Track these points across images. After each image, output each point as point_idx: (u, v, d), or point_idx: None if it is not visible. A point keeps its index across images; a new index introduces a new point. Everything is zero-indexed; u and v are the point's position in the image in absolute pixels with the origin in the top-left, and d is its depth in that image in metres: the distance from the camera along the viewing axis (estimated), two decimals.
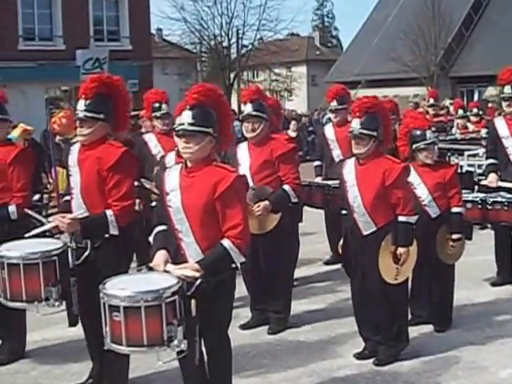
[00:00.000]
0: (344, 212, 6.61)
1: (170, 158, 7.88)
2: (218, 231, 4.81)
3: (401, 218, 6.27)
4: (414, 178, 6.99)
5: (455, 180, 7.08)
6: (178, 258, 4.89)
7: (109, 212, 5.46)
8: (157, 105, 8.67)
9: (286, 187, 7.17)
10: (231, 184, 4.78)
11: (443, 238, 7.04)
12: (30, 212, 6.16)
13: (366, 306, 6.52)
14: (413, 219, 6.32)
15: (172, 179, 5.01)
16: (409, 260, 6.35)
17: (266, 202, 7.02)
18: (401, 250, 6.29)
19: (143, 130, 10.10)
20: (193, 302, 4.56)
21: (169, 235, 5.01)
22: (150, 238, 5.15)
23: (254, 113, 7.19)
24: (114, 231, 5.48)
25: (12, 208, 6.39)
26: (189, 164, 4.94)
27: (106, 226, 5.45)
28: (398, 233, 6.29)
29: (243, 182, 5.03)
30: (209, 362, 5.00)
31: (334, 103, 9.81)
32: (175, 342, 4.50)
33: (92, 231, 5.52)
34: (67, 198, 5.96)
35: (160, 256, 4.92)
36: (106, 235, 5.50)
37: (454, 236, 7.04)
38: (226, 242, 4.74)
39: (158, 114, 8.67)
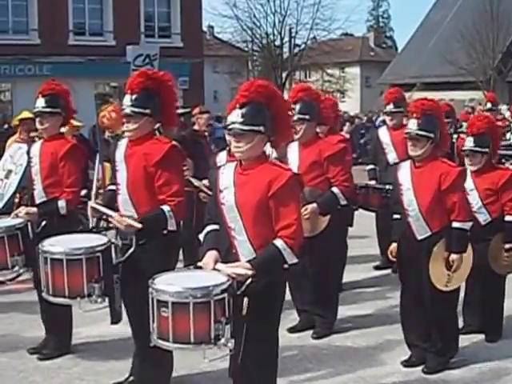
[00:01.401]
0: (395, 216, 6.47)
1: (222, 156, 7.83)
2: (271, 230, 4.73)
3: (455, 224, 6.13)
4: (468, 183, 6.84)
5: (509, 186, 6.85)
6: (229, 256, 4.83)
7: (166, 208, 5.41)
8: None
9: (335, 189, 7.05)
10: (286, 182, 4.69)
11: (497, 247, 6.86)
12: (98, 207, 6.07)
13: (416, 313, 6.39)
14: (467, 225, 6.17)
15: (226, 177, 4.94)
16: (462, 268, 6.21)
17: (314, 205, 6.90)
18: (453, 256, 6.15)
19: (196, 127, 10.05)
20: (245, 300, 4.51)
21: (220, 235, 4.95)
22: (201, 236, 5.09)
23: (295, 117, 7.03)
24: (172, 227, 5.45)
25: (61, 203, 6.39)
26: (243, 162, 4.87)
27: (165, 222, 5.42)
28: (451, 239, 6.15)
29: (298, 181, 4.92)
30: (255, 362, 4.90)
31: (390, 106, 9.71)
32: (222, 341, 4.44)
33: (152, 229, 5.47)
34: (111, 187, 5.96)
35: (210, 256, 4.85)
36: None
37: (507, 245, 6.86)
38: (278, 242, 4.66)
39: None
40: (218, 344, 4.44)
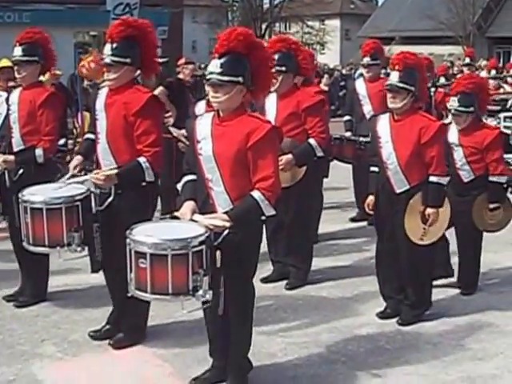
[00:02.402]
0: (372, 169, 6.51)
1: (200, 106, 7.80)
2: (248, 181, 4.74)
3: (432, 178, 6.16)
4: (454, 138, 6.89)
5: (494, 146, 6.83)
6: (206, 207, 4.83)
7: (142, 159, 5.43)
8: None
9: (312, 141, 7.04)
10: (265, 135, 4.68)
11: (481, 207, 6.88)
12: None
13: (391, 265, 6.45)
14: (444, 180, 6.21)
15: (203, 127, 4.92)
16: (438, 222, 6.24)
17: (289, 156, 6.89)
18: (429, 210, 6.19)
19: (181, 76, 10.05)
20: (218, 253, 4.54)
21: (197, 185, 4.95)
22: (179, 187, 5.11)
23: None
24: (150, 178, 5.49)
25: (39, 151, 6.37)
26: (221, 113, 4.85)
27: (142, 174, 5.45)
28: (428, 193, 6.18)
29: (277, 134, 4.92)
30: (230, 312, 4.96)
31: (367, 59, 9.71)
32: (200, 292, 4.49)
33: (129, 182, 5.50)
34: (89, 135, 5.94)
35: (187, 206, 4.86)
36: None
37: (491, 205, 6.89)
38: (256, 194, 4.66)
39: None
40: (195, 295, 4.49)
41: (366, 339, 6.12)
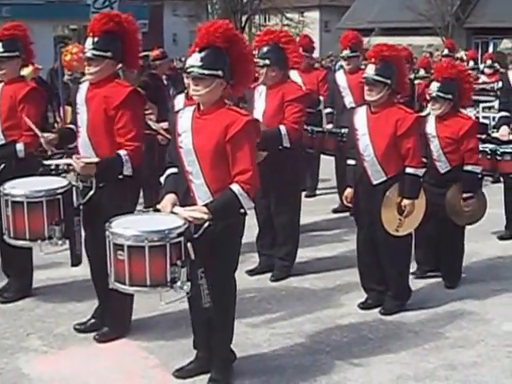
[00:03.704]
0: (350, 162, 6.54)
1: (179, 99, 7.79)
2: (228, 174, 4.78)
3: (408, 170, 6.19)
4: (431, 129, 6.90)
5: (470, 135, 6.82)
6: (187, 200, 4.87)
7: (122, 152, 5.44)
8: None
9: (282, 128, 6.91)
10: (243, 127, 4.72)
11: (455, 198, 6.86)
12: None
13: (371, 256, 6.50)
14: (420, 172, 6.26)
15: (184, 121, 4.96)
16: (414, 214, 6.28)
17: None
18: (406, 201, 6.23)
19: (156, 71, 10.05)
20: (189, 245, 4.57)
21: (179, 178, 4.99)
22: (162, 179, 5.15)
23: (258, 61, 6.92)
24: (127, 172, 5.49)
25: (20, 146, 6.36)
26: (201, 106, 4.89)
27: (120, 166, 5.45)
28: (404, 184, 6.22)
29: (255, 127, 4.96)
30: (212, 305, 4.99)
31: (346, 51, 9.73)
32: (178, 284, 4.52)
33: (107, 174, 5.50)
34: (71, 126, 5.94)
35: (168, 199, 4.90)
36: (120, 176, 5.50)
37: (464, 195, 6.86)
38: (235, 187, 4.70)
39: None
40: (174, 287, 4.54)
41: (348, 329, 6.17)
